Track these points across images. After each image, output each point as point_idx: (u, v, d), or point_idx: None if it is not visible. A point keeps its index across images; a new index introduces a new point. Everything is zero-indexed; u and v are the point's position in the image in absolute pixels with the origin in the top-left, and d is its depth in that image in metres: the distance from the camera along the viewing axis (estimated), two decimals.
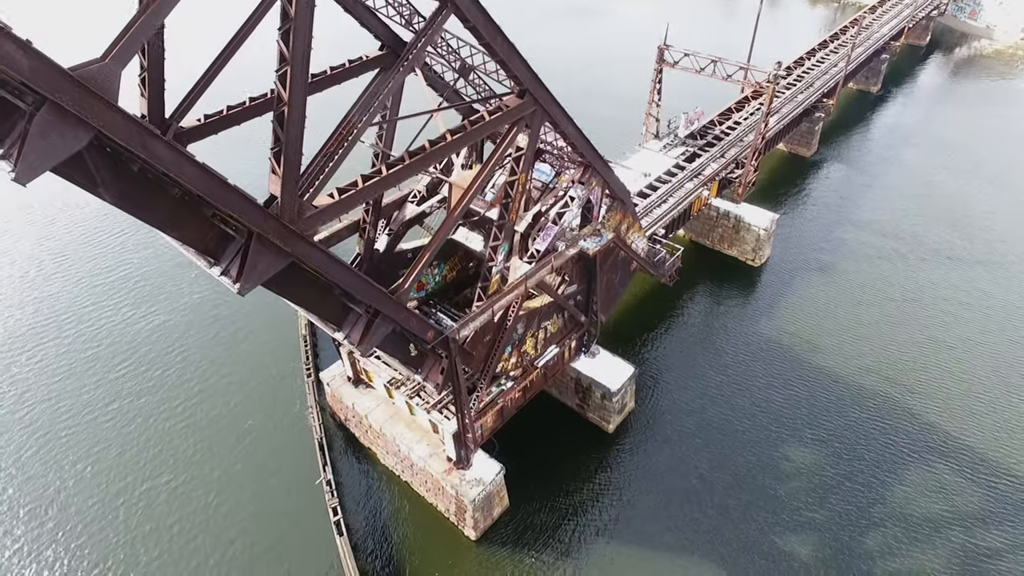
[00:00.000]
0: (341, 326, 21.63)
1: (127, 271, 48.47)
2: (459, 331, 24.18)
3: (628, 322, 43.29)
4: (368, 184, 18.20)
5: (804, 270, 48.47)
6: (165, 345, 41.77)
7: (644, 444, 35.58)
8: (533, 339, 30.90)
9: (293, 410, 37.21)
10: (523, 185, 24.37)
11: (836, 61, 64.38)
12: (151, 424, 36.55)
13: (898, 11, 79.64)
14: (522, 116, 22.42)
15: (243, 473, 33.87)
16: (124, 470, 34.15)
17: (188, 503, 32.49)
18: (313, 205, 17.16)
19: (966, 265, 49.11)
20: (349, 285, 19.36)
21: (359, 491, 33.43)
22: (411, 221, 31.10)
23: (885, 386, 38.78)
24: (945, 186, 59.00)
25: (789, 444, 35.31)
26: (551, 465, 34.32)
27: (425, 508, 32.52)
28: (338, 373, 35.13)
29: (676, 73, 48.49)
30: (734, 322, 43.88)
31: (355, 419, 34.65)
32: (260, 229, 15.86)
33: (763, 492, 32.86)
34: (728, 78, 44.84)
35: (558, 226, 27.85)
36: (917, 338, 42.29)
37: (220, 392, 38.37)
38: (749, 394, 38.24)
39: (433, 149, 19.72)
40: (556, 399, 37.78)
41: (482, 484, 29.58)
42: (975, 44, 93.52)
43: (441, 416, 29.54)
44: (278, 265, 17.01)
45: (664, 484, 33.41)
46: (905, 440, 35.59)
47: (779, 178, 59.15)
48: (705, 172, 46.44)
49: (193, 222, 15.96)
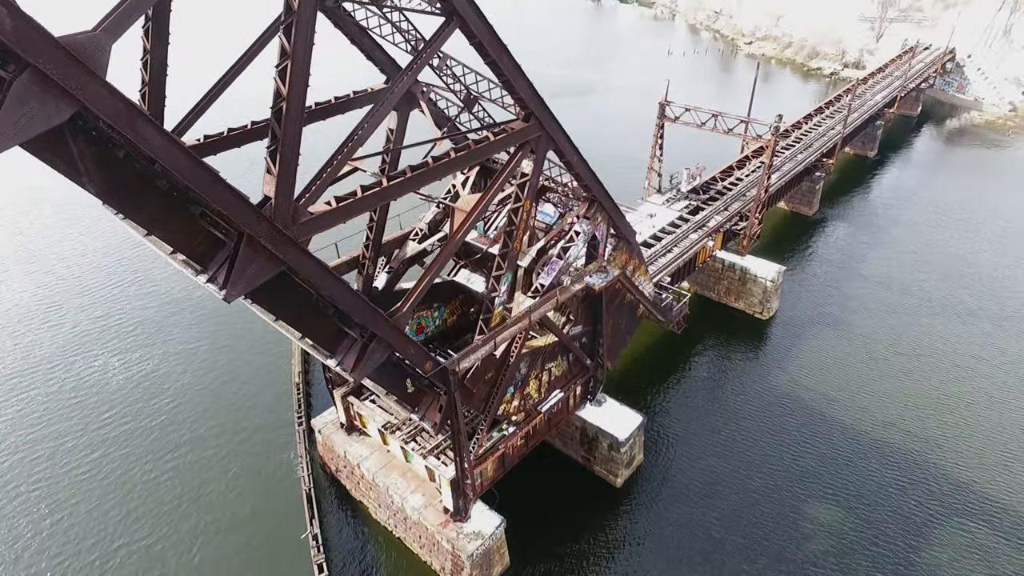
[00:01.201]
0: (335, 351, 20.39)
1: (119, 317, 47.36)
2: (459, 363, 22.87)
3: (634, 374, 41.76)
4: (368, 194, 17.50)
5: (813, 323, 47.33)
6: (153, 392, 40.12)
7: (654, 501, 33.33)
8: (536, 381, 29.45)
9: (282, 461, 35.18)
10: (527, 213, 23.73)
11: (833, 125, 65.76)
12: (133, 474, 34.44)
13: (888, 82, 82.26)
14: (527, 140, 22.05)
15: (226, 526, 31.56)
16: (102, 523, 31.84)
17: (164, 558, 30.05)
18: (309, 211, 16.38)
19: (978, 320, 48.00)
20: (344, 302, 18.30)
21: (348, 548, 31.01)
22: (412, 259, 30.37)
23: (907, 441, 36.84)
24: (948, 245, 58.72)
25: (807, 503, 33.05)
26: (554, 521, 31.99)
27: (419, 568, 30.02)
28: (330, 420, 33.41)
29: (676, 131, 49.19)
30: (744, 375, 42.33)
31: (347, 469, 32.62)
32: (251, 230, 14.99)
33: (779, 556, 30.40)
34: (729, 132, 45.33)
35: (563, 260, 27.06)
36: (935, 393, 40.61)
37: (207, 440, 36.44)
38: (761, 449, 36.25)
39: (436, 165, 19.17)
40: (560, 451, 35.79)
41: (481, 538, 27.34)
42: (965, 115, 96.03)
43: (438, 462, 27.68)
44: (268, 272, 16.02)
45: (676, 545, 30.98)
46: (933, 498, 33.37)
47: (782, 235, 58.98)
48: (709, 224, 46.18)
49: (180, 222, 15.12)
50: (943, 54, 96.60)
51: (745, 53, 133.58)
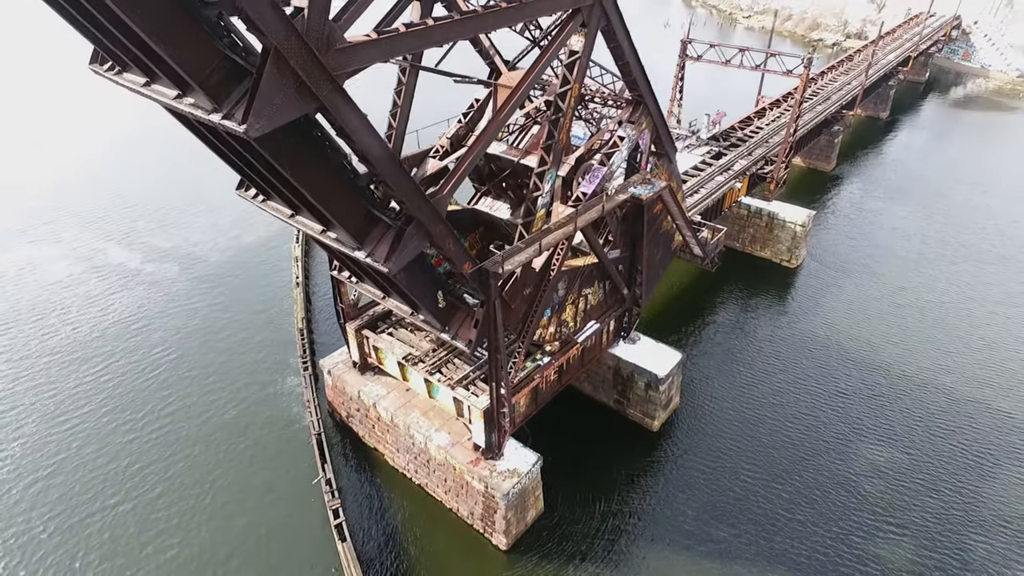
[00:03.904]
0: (364, 241, 17.61)
1: (108, 270, 44.03)
2: (502, 264, 20.12)
3: (662, 317, 39.24)
4: (412, 30, 14.66)
5: (842, 272, 45.12)
6: (154, 345, 36.94)
7: (695, 445, 30.87)
8: (573, 308, 26.79)
9: (288, 407, 32.26)
10: (574, 98, 20.97)
11: (849, 80, 63.56)
12: (137, 431, 31.30)
13: (899, 44, 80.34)
14: (580, 7, 19.29)
15: (233, 480, 28.57)
16: (110, 479, 28.63)
17: (170, 512, 27.14)
18: (346, 40, 13.53)
19: (1006, 265, 46.22)
20: (382, 166, 15.49)
21: (363, 496, 28.23)
22: (432, 177, 27.50)
23: (947, 381, 34.90)
24: (965, 199, 57.06)
25: (857, 449, 30.75)
26: (588, 465, 29.46)
27: (444, 515, 27.31)
28: (341, 360, 30.54)
29: (690, 80, 46.75)
30: (775, 322, 39.99)
31: (360, 412, 29.80)
32: (280, 44, 12.13)
33: (834, 503, 28.15)
34: (757, 67, 42.82)
35: (606, 167, 24.37)
36: (970, 337, 38.63)
37: (210, 395, 33.25)
38: (798, 396, 33.92)
39: (486, 14, 16.41)
40: (590, 396, 33.20)
41: (517, 476, 24.67)
42: (972, 82, 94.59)
43: (468, 393, 24.94)
44: (297, 107, 13.17)
45: (723, 490, 28.57)
46: (986, 439, 31.32)
47: (802, 189, 56.68)
48: (735, 167, 43.72)
49: (192, 34, 12.24)
50: (949, 20, 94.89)
51: (744, 26, 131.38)
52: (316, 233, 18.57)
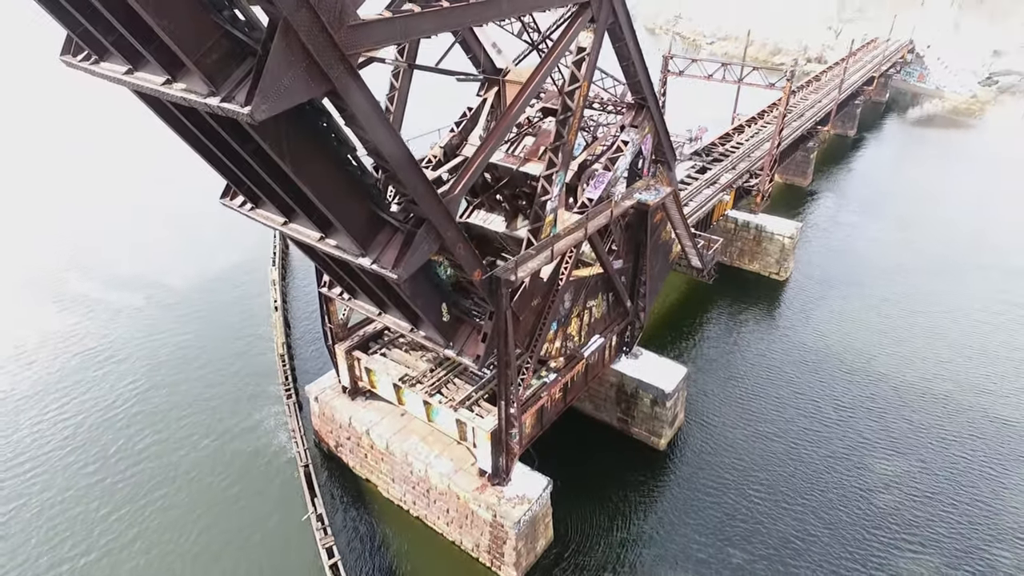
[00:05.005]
0: (368, 247, 16.14)
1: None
2: (516, 271, 18.80)
3: (657, 333, 38.22)
4: (430, 10, 13.49)
5: (830, 284, 44.94)
6: (121, 377, 34.31)
7: (704, 464, 29.58)
8: (578, 320, 25.54)
9: (271, 438, 30.03)
10: (583, 97, 20.04)
11: (819, 99, 64.82)
12: (107, 470, 28.65)
13: (861, 65, 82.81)
14: (589, 1, 18.47)
15: (216, 516, 26.22)
16: (77, 525, 25.96)
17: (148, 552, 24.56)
18: (359, 16, 12.28)
19: (990, 275, 46.78)
20: (395, 159, 14.14)
21: (358, 533, 26.10)
22: None
23: (951, 390, 34.45)
24: (934, 211, 58.11)
25: (864, 462, 29.86)
26: (596, 488, 27.89)
27: (447, 549, 25.36)
28: (328, 385, 28.61)
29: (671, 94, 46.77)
30: (768, 336, 39.33)
31: (351, 441, 27.81)
32: (290, 15, 10.81)
33: (848, 521, 27.15)
34: (739, 81, 42.97)
35: (611, 172, 23.44)
36: (967, 342, 38.59)
37: (186, 427, 30.90)
38: (799, 409, 33.04)
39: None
40: (592, 416, 31.78)
41: (527, 502, 22.99)
42: (930, 102, 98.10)
43: (472, 414, 23.32)
44: (307, 90, 11.81)
45: (734, 511, 27.28)
46: (989, 446, 30.84)
47: (782, 204, 56.87)
48: (721, 180, 43.54)
49: (189, 4, 10.83)
50: (904, 44, 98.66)
51: (707, 52, 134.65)
52: (313, 240, 17.05)
